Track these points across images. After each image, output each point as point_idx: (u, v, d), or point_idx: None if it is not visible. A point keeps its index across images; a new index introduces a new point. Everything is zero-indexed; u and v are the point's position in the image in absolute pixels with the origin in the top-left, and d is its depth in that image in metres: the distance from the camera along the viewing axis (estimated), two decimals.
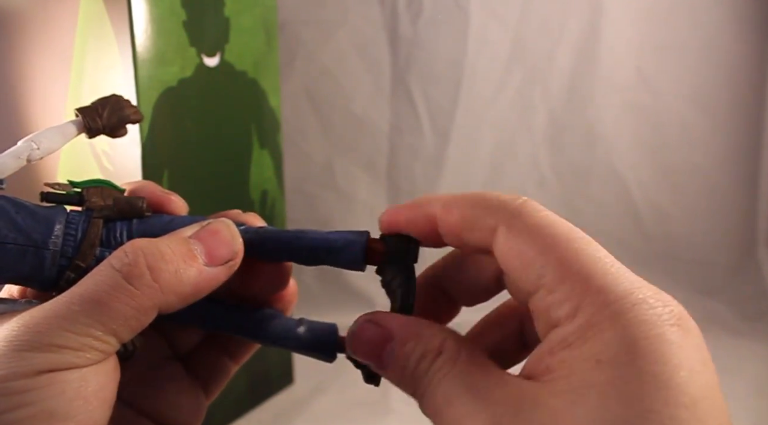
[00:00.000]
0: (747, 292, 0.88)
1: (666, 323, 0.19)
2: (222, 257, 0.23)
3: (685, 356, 0.18)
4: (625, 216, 0.94)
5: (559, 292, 0.20)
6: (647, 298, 0.19)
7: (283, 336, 0.26)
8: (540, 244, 0.20)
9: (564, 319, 0.19)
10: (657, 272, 0.88)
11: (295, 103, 0.92)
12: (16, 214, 0.24)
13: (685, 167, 0.93)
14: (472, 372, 0.20)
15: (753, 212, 0.93)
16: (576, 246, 0.20)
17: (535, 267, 0.20)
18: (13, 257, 0.23)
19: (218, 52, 0.52)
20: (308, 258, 0.25)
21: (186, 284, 0.22)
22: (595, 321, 0.19)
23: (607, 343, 0.18)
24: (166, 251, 0.22)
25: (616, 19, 0.90)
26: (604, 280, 0.19)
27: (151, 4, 0.45)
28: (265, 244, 0.25)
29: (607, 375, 0.18)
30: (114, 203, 0.25)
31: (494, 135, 0.94)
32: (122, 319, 0.21)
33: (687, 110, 0.92)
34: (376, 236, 0.25)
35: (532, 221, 0.21)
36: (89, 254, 0.24)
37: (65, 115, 0.49)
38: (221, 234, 0.24)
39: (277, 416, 0.61)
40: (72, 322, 0.20)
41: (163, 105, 0.47)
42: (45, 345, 0.20)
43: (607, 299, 0.19)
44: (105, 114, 0.26)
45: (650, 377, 0.18)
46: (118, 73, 0.45)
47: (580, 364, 0.19)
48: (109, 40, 0.45)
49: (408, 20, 0.91)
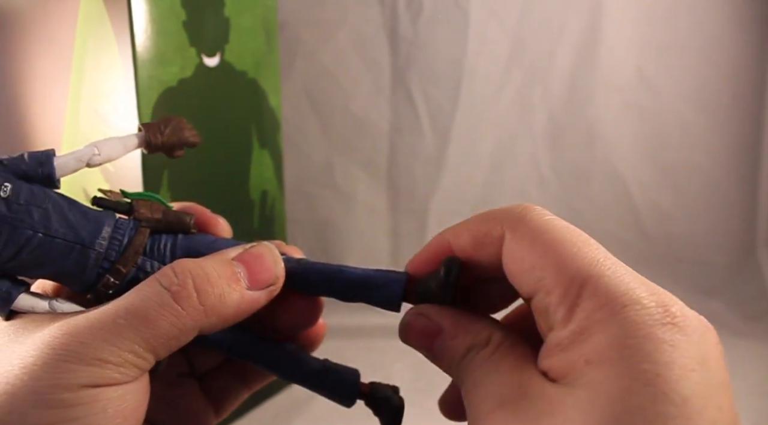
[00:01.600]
0: (747, 292, 0.88)
1: (658, 322, 0.18)
2: (264, 281, 0.24)
3: (678, 354, 0.18)
4: (625, 216, 0.94)
5: (555, 295, 0.20)
6: (641, 298, 0.19)
7: (305, 375, 0.26)
8: (540, 247, 0.21)
9: (560, 322, 0.20)
10: (657, 272, 0.88)
11: (295, 104, 0.92)
12: (69, 210, 0.24)
13: (685, 167, 0.93)
14: (503, 362, 0.21)
15: (753, 212, 0.93)
16: (575, 248, 0.20)
17: (535, 270, 0.21)
18: (60, 253, 0.23)
19: (218, 53, 0.52)
20: (346, 293, 0.25)
21: (229, 307, 0.23)
22: (587, 324, 0.19)
23: (597, 344, 0.19)
24: (212, 274, 0.23)
25: (616, 19, 0.90)
26: (599, 282, 0.19)
27: (151, 4, 0.45)
28: (306, 275, 0.25)
29: (595, 374, 0.18)
30: (163, 215, 0.25)
31: (494, 135, 0.94)
32: (165, 338, 0.21)
33: (687, 110, 0.92)
34: None
35: (533, 225, 0.21)
36: (131, 260, 0.24)
37: (65, 115, 0.49)
38: (264, 258, 0.24)
39: (277, 416, 0.61)
40: (117, 336, 0.20)
41: (163, 105, 0.47)
42: (90, 357, 0.20)
43: (600, 302, 0.19)
44: (167, 132, 0.27)
45: (638, 374, 0.18)
46: (118, 73, 0.45)
47: (573, 365, 0.19)
48: (109, 40, 0.45)
49: (408, 20, 0.91)
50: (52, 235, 0.23)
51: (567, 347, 0.19)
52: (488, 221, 0.22)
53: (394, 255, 0.93)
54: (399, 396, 0.27)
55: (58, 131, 0.50)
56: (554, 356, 0.19)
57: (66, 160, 0.25)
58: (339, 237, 0.94)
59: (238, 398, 0.30)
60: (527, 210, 0.22)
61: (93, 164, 0.26)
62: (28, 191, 0.23)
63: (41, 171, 0.24)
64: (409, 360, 0.68)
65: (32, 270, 0.24)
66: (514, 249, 0.21)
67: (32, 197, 0.23)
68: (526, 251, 0.21)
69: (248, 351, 0.27)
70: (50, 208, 0.24)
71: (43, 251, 0.23)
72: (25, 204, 0.23)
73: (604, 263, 0.20)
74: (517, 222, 0.22)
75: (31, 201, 0.23)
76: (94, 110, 0.47)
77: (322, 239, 0.94)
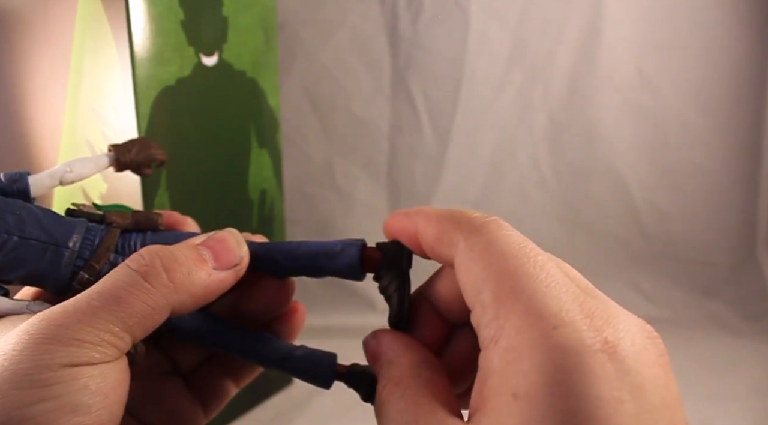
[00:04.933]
0: (747, 292, 0.87)
1: (588, 349, 0.17)
2: (229, 261, 0.25)
3: (608, 387, 0.17)
4: (625, 216, 0.94)
5: (489, 310, 0.19)
6: (573, 321, 0.18)
7: (281, 358, 0.27)
8: (484, 260, 0.20)
9: (489, 341, 0.19)
10: (657, 272, 0.88)
11: (295, 104, 0.92)
12: (43, 216, 0.26)
13: (685, 167, 0.93)
14: (411, 405, 0.21)
15: (753, 212, 0.93)
16: (517, 263, 0.19)
17: (476, 283, 0.20)
18: (35, 253, 0.25)
19: (216, 52, 0.51)
20: (310, 267, 0.27)
21: (197, 285, 0.24)
22: (514, 345, 0.18)
23: (524, 374, 0.17)
24: (179, 254, 0.24)
25: (616, 19, 0.90)
26: (534, 298, 0.18)
27: (149, 3, 0.45)
28: (270, 254, 0.27)
29: (522, 412, 0.17)
30: (132, 214, 0.27)
31: (494, 135, 0.94)
32: (139, 316, 0.22)
33: (687, 110, 0.92)
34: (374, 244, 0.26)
35: (487, 238, 0.21)
36: (104, 257, 0.26)
37: (64, 114, 0.49)
38: (228, 241, 0.26)
39: (276, 416, 0.61)
40: (92, 317, 0.21)
41: (161, 105, 0.47)
42: (67, 338, 0.20)
43: (529, 321, 0.18)
44: (134, 150, 0.30)
45: (566, 415, 0.17)
46: (116, 73, 0.45)
47: (500, 398, 0.18)
48: (107, 39, 0.45)
49: (408, 20, 0.91)
50: (26, 237, 0.25)
51: (496, 371, 0.18)
52: (451, 224, 0.22)
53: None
54: None
55: (56, 131, 0.50)
56: (484, 382, 0.19)
57: (40, 177, 0.27)
58: (339, 237, 0.94)
59: (226, 394, 0.31)
60: (486, 222, 0.21)
61: (66, 182, 0.28)
62: (2, 201, 0.25)
63: (15, 187, 0.26)
64: None
65: (9, 273, 0.25)
66: (463, 259, 0.21)
67: (6, 205, 0.25)
68: (473, 262, 0.20)
69: (223, 339, 0.27)
70: (24, 214, 0.25)
71: (18, 253, 0.25)
72: (0, 212, 0.25)
73: (543, 279, 0.19)
74: (473, 232, 0.21)
75: (6, 209, 0.25)
76: (93, 110, 0.47)
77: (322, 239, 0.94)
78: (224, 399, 0.31)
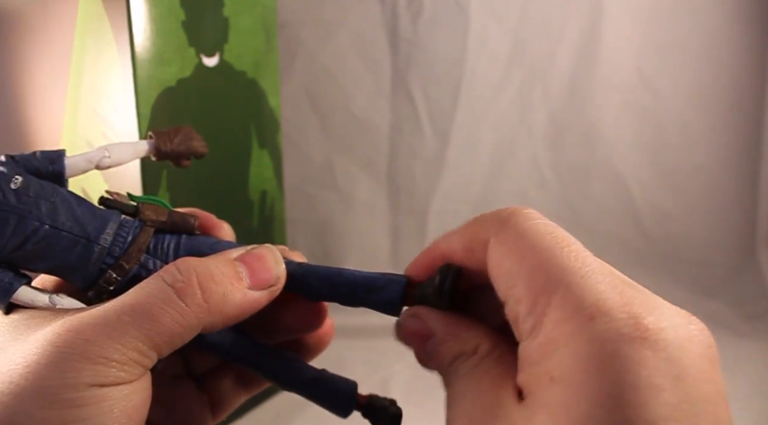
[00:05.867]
0: (747, 292, 0.87)
1: (626, 337, 0.17)
2: (266, 281, 0.24)
3: (645, 373, 0.17)
4: (625, 216, 0.94)
5: (524, 304, 0.19)
6: (610, 310, 0.18)
7: (301, 382, 0.26)
8: (516, 253, 0.20)
9: (528, 333, 0.19)
10: (657, 272, 0.88)
11: (295, 104, 0.92)
12: (77, 206, 0.24)
13: (685, 167, 0.93)
14: (484, 376, 0.20)
15: (753, 212, 0.93)
16: (550, 255, 0.19)
17: (510, 276, 0.20)
18: (65, 246, 0.24)
19: (217, 52, 0.52)
20: (347, 295, 0.26)
21: (232, 306, 0.23)
22: (553, 336, 0.18)
23: (562, 360, 0.18)
24: (216, 272, 0.23)
25: (616, 19, 0.90)
26: (569, 291, 0.18)
27: (150, 4, 0.45)
28: (307, 277, 0.26)
29: (558, 395, 0.17)
30: (168, 216, 0.26)
31: (494, 135, 0.94)
32: (168, 335, 0.21)
33: (687, 110, 0.92)
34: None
35: (515, 229, 0.20)
36: (134, 257, 0.25)
37: (64, 115, 0.49)
38: (266, 259, 0.24)
39: (277, 416, 0.61)
40: (121, 334, 0.20)
41: (162, 105, 0.47)
42: (95, 356, 0.20)
43: (567, 313, 0.18)
44: (176, 140, 0.28)
45: (602, 399, 0.16)
46: (117, 73, 0.45)
47: (538, 382, 0.18)
48: (108, 40, 0.45)
49: (408, 20, 0.91)
50: (58, 227, 0.24)
51: (534, 361, 0.18)
52: (476, 226, 0.22)
53: (394, 255, 0.93)
54: (397, 407, 0.27)
55: (57, 131, 0.50)
56: (523, 370, 0.19)
57: (77, 160, 0.26)
58: (339, 237, 0.94)
59: (236, 400, 0.30)
60: (513, 214, 0.21)
61: (102, 166, 0.27)
62: (38, 184, 0.24)
63: (52, 168, 0.25)
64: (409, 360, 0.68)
65: (36, 262, 0.24)
66: (494, 254, 0.21)
67: (41, 190, 0.24)
68: (505, 256, 0.20)
69: (246, 356, 0.26)
70: (58, 202, 0.24)
71: (48, 242, 0.23)
72: (34, 197, 0.24)
73: (578, 270, 0.19)
74: (501, 226, 0.21)
75: (40, 194, 0.24)
76: (93, 110, 0.47)
77: (322, 239, 0.94)
78: (233, 405, 0.30)
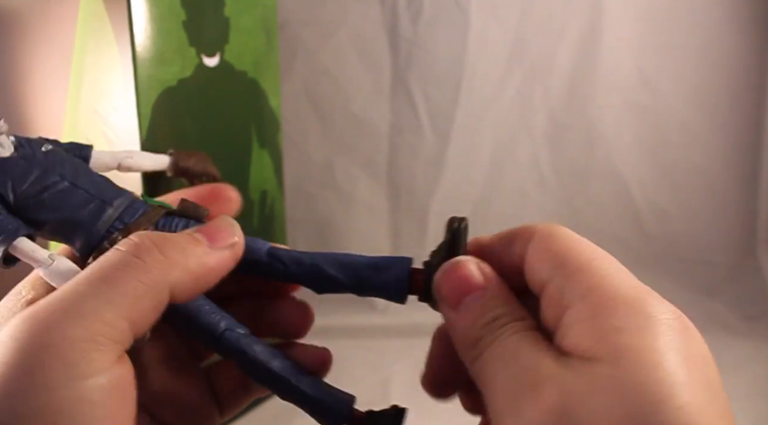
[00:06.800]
0: (747, 292, 0.87)
1: (659, 318, 0.19)
2: (224, 239, 0.24)
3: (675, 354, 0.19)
4: (625, 216, 0.94)
5: (572, 280, 0.21)
6: (655, 304, 0.20)
7: (300, 394, 0.26)
8: (564, 244, 0.22)
9: (579, 299, 0.20)
10: (657, 272, 0.88)
11: (295, 104, 0.92)
12: (98, 177, 0.26)
13: (685, 167, 0.93)
14: (535, 342, 0.21)
15: (753, 212, 0.93)
16: (591, 248, 0.22)
17: (557, 257, 0.21)
18: (79, 202, 0.25)
19: (218, 52, 0.52)
20: (353, 278, 0.26)
21: (193, 262, 0.22)
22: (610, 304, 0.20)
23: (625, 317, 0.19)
24: (171, 236, 0.23)
25: (616, 19, 0.90)
26: (605, 280, 0.21)
27: (151, 4, 0.45)
28: (315, 259, 0.26)
29: (625, 347, 0.19)
30: (180, 203, 0.27)
31: (494, 135, 0.94)
32: (132, 295, 0.20)
33: (687, 110, 0.92)
34: None
35: (557, 230, 0.23)
36: (143, 226, 0.25)
37: (65, 115, 0.49)
38: (219, 223, 0.25)
39: (277, 416, 0.61)
40: (80, 305, 0.19)
41: (163, 105, 0.47)
42: (59, 340, 0.18)
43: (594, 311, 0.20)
44: (193, 160, 0.31)
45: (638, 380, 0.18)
46: (117, 73, 0.45)
47: (602, 333, 0.19)
48: (108, 40, 0.45)
49: (408, 20, 0.91)
50: (77, 185, 0.25)
51: (593, 315, 0.20)
52: (518, 229, 0.24)
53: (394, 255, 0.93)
54: (399, 408, 0.26)
55: (57, 131, 0.50)
56: (576, 327, 0.20)
57: (103, 153, 0.28)
58: (339, 237, 0.94)
59: (243, 397, 0.29)
60: (549, 224, 0.23)
61: (123, 166, 0.29)
62: (65, 154, 0.26)
63: (79, 153, 0.28)
64: (409, 360, 0.68)
65: (48, 212, 0.25)
66: (539, 243, 0.22)
67: (68, 158, 0.26)
68: (553, 242, 0.22)
69: (238, 347, 0.25)
70: (81, 169, 0.26)
71: (64, 196, 0.25)
72: (60, 160, 0.26)
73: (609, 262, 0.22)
74: (545, 226, 0.23)
75: (66, 159, 0.26)
76: (94, 110, 0.47)
77: (322, 239, 0.94)
78: (245, 400, 0.29)
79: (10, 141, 0.26)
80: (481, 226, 0.91)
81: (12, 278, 0.26)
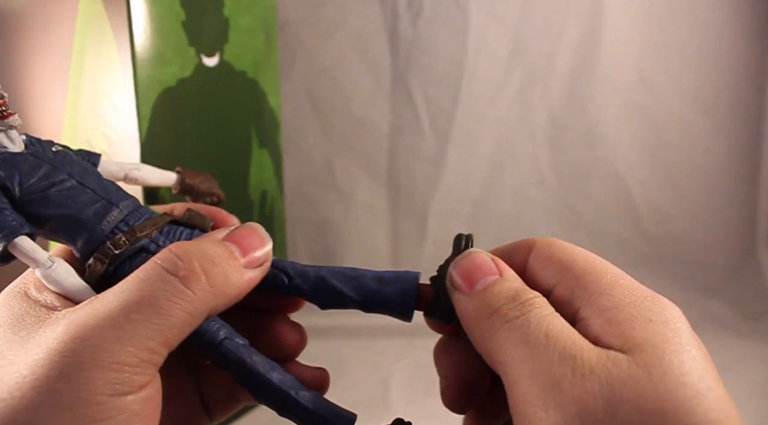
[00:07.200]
0: (747, 292, 0.87)
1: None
2: (257, 256, 0.24)
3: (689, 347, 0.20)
4: (625, 216, 0.94)
5: (586, 280, 0.22)
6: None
7: (300, 410, 0.26)
8: (567, 253, 0.23)
9: (599, 292, 0.21)
10: (657, 272, 0.88)
11: (295, 104, 0.92)
12: (105, 180, 0.27)
13: (685, 167, 0.93)
14: (556, 321, 0.21)
15: (753, 212, 0.93)
16: (592, 256, 0.23)
17: (562, 263, 0.22)
18: (85, 200, 0.25)
19: (217, 52, 0.52)
20: (359, 289, 0.26)
21: (233, 287, 0.23)
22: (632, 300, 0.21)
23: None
24: (214, 254, 0.22)
25: (616, 19, 0.90)
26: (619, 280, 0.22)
27: (150, 4, 0.45)
28: (321, 271, 0.26)
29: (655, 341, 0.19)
30: (187, 212, 0.27)
31: (494, 135, 0.94)
32: (178, 327, 0.20)
33: (687, 110, 0.92)
34: None
35: (558, 241, 0.24)
36: (148, 229, 0.25)
37: (64, 115, 0.49)
38: (254, 234, 0.24)
39: (277, 416, 0.61)
40: (132, 334, 0.19)
41: (162, 105, 0.47)
42: (107, 362, 0.19)
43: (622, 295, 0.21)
44: (199, 179, 0.31)
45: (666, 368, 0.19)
46: (117, 73, 0.45)
47: (633, 323, 0.20)
48: (108, 40, 0.45)
49: (408, 20, 0.91)
50: (84, 185, 0.25)
51: (618, 307, 0.20)
52: (516, 242, 0.25)
53: (394, 255, 0.93)
54: (405, 422, 0.26)
55: (57, 131, 0.50)
56: (601, 319, 0.20)
57: (111, 163, 0.29)
58: (339, 237, 0.94)
59: (233, 403, 0.29)
60: (549, 238, 0.24)
61: (130, 177, 0.29)
62: (75, 156, 0.27)
63: (88, 159, 0.28)
64: (409, 360, 0.68)
65: (52, 208, 0.25)
66: (541, 251, 0.23)
67: (77, 159, 0.26)
68: (556, 250, 0.23)
69: (238, 355, 0.25)
70: (90, 170, 0.26)
71: (70, 193, 0.25)
72: (70, 160, 0.26)
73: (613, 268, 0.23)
74: (544, 238, 0.24)
75: (76, 160, 0.26)
76: (93, 110, 0.47)
77: (322, 239, 0.94)
78: (232, 407, 0.29)
79: (22, 139, 0.26)
80: (481, 226, 0.92)
81: (9, 276, 0.26)
